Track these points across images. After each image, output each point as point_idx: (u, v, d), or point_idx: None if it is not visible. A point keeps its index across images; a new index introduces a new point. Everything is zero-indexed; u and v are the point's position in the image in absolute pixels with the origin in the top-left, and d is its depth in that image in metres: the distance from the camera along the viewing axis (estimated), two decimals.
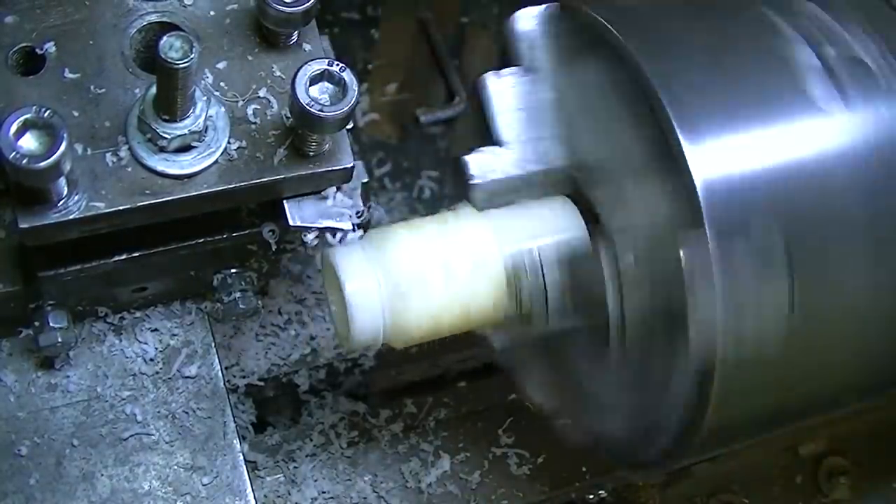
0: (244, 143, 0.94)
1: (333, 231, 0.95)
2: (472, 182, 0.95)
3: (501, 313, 0.93)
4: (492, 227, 0.93)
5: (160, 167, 0.92)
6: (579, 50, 0.94)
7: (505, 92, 0.97)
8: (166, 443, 1.04)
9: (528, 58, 0.98)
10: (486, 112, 0.97)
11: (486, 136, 0.97)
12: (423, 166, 1.45)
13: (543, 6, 0.97)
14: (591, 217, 0.94)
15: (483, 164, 0.96)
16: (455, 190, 0.98)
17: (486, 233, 0.93)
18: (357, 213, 0.98)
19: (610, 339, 0.93)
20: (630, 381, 0.93)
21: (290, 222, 0.96)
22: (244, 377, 1.18)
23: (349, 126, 0.94)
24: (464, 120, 1.38)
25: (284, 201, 0.96)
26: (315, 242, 0.98)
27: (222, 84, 0.96)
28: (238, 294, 1.06)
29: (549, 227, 0.93)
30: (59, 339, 1.00)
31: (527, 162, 0.96)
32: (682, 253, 0.82)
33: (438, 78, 1.44)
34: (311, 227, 0.95)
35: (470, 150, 0.97)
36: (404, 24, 1.46)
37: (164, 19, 0.97)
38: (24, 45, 0.94)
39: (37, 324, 1.01)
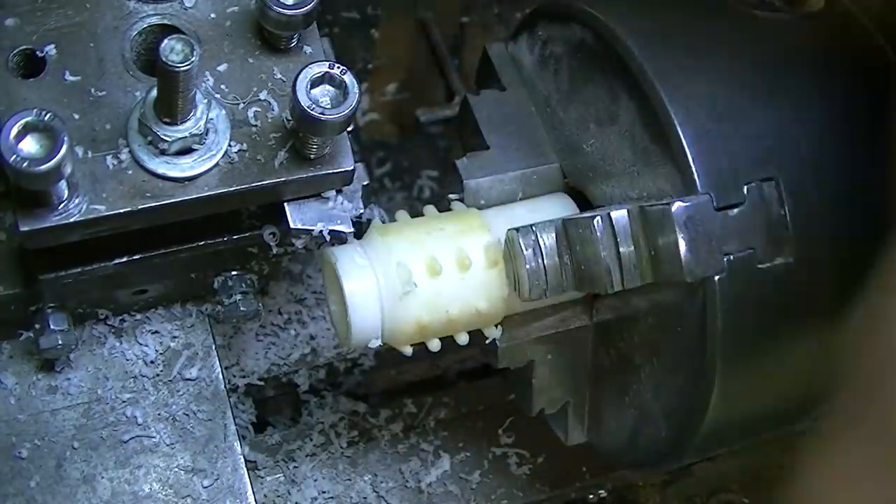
0: (245, 146, 0.94)
1: (334, 233, 0.95)
2: (465, 182, 0.96)
3: (501, 311, 0.94)
4: (490, 224, 0.93)
5: (161, 170, 0.92)
6: (571, 52, 0.94)
7: (489, 106, 0.99)
8: (167, 445, 1.04)
9: (507, 73, 1.01)
10: (476, 126, 0.98)
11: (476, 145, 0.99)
12: (423, 166, 1.45)
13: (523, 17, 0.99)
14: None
15: (476, 165, 0.96)
16: (454, 190, 0.99)
17: (484, 230, 0.93)
18: (357, 214, 0.98)
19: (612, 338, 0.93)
20: (631, 381, 0.93)
21: (291, 225, 0.96)
22: (244, 377, 1.18)
23: (349, 128, 0.94)
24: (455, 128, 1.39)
25: (285, 204, 0.96)
26: (303, 246, 0.98)
27: (223, 87, 0.95)
28: (238, 296, 1.06)
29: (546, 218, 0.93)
30: (60, 342, 1.00)
31: (520, 162, 0.97)
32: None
33: (438, 78, 1.44)
34: (311, 230, 0.95)
35: (464, 153, 0.98)
36: (404, 24, 1.46)
37: (165, 22, 0.97)
38: (24, 47, 0.93)
39: (37, 326, 1.01)
